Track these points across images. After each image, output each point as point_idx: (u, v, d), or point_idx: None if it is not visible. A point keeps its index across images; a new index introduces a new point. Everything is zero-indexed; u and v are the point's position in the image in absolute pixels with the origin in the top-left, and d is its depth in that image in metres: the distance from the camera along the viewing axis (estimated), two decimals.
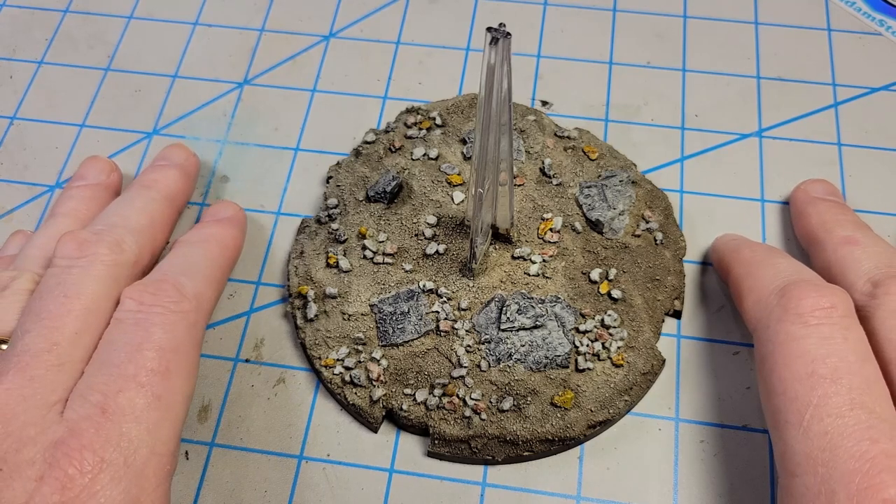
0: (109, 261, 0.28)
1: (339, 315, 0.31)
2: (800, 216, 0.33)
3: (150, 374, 0.25)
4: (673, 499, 0.29)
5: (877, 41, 0.40)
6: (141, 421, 0.25)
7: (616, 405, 0.30)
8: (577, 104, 0.38)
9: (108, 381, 0.25)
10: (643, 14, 0.41)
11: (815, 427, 0.24)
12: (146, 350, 0.26)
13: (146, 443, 0.24)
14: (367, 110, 0.39)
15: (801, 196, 0.34)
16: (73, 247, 0.28)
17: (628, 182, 0.34)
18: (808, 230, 0.32)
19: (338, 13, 0.42)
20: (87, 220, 0.32)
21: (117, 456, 0.24)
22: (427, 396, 0.30)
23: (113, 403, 0.24)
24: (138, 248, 0.30)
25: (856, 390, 0.24)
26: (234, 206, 0.34)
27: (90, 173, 0.35)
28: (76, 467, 0.23)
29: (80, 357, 0.26)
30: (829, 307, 0.26)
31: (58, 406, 0.24)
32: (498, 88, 0.25)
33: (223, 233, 0.33)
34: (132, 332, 0.26)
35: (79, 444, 0.23)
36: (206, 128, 0.39)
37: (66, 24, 0.43)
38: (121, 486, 0.23)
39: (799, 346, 0.25)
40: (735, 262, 0.31)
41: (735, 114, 0.38)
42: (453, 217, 0.33)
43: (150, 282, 0.28)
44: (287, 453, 0.30)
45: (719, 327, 0.32)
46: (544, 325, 0.30)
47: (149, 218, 0.32)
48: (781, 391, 0.25)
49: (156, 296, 0.27)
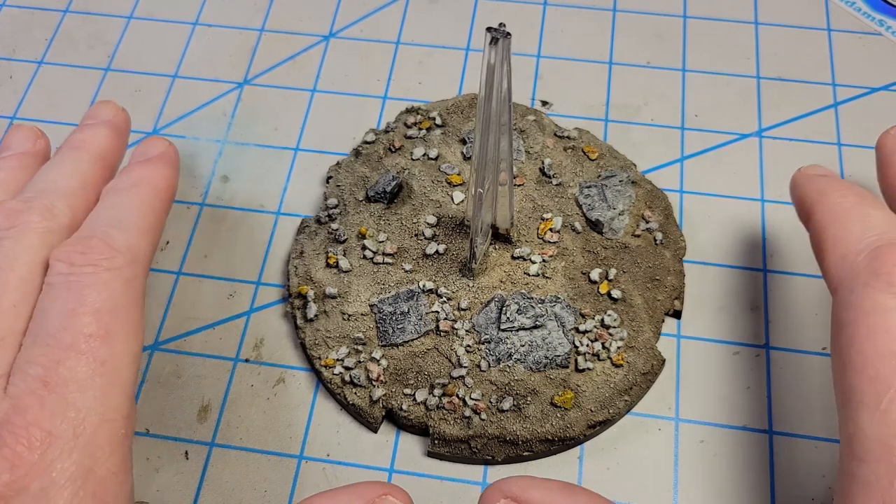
0: (42, 228, 0.27)
1: (339, 315, 0.31)
2: (888, 165, 0.29)
3: (88, 340, 0.24)
4: (673, 499, 0.29)
5: (877, 41, 0.40)
6: (86, 389, 0.23)
7: (616, 405, 0.30)
8: (577, 104, 0.38)
9: (47, 351, 0.24)
10: (643, 14, 0.41)
11: (893, 413, 0.21)
12: (82, 315, 0.24)
13: (94, 411, 0.23)
14: (367, 110, 0.39)
15: (891, 143, 0.30)
16: (1, 218, 0.27)
17: (628, 182, 0.34)
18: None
19: (338, 13, 0.42)
20: (17, 190, 0.30)
21: (65, 428, 0.23)
22: (427, 396, 0.30)
23: (54, 375, 0.23)
24: (71, 211, 0.28)
25: None
26: (163, 140, 0.32)
27: (15, 142, 0.33)
28: (24, 444, 0.22)
29: (21, 329, 0.25)
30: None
31: (0, 382, 0.24)
32: (498, 88, 0.25)
33: (154, 174, 0.30)
34: (64, 296, 0.25)
35: (24, 420, 0.23)
36: (206, 128, 0.39)
37: (66, 24, 0.43)
38: (72, 457, 0.23)
39: (886, 320, 0.23)
40: (819, 205, 0.27)
41: (735, 114, 0.38)
42: (453, 217, 0.33)
43: (77, 239, 0.26)
44: (287, 453, 0.30)
45: (719, 327, 0.32)
46: (544, 325, 0.30)
47: (80, 180, 0.30)
48: (860, 367, 0.23)
49: (85, 254, 0.26)
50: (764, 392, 0.31)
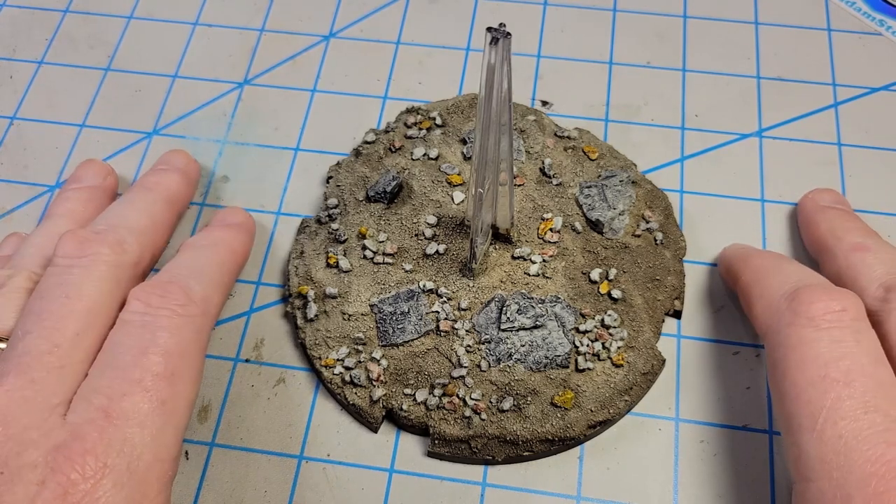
0: (111, 261, 0.28)
1: (339, 315, 0.31)
2: (808, 225, 0.33)
3: (155, 379, 0.25)
4: (673, 499, 0.29)
5: (877, 41, 0.40)
6: (145, 426, 0.24)
7: (616, 405, 0.30)
8: (577, 104, 0.38)
9: (113, 384, 0.25)
10: (643, 14, 0.41)
11: (829, 431, 0.23)
12: (152, 354, 0.25)
13: (150, 448, 0.24)
14: (367, 110, 0.39)
15: (809, 205, 0.33)
16: (73, 246, 0.28)
17: (628, 182, 0.34)
18: (818, 238, 0.32)
19: (338, 13, 0.42)
20: (83, 221, 0.32)
21: (120, 461, 0.23)
22: (427, 396, 0.30)
23: (117, 407, 0.24)
24: (139, 248, 0.30)
25: (870, 393, 0.24)
26: (244, 213, 0.34)
27: (86, 176, 0.35)
28: (78, 472, 0.23)
29: (82, 359, 0.26)
30: (841, 310, 0.25)
31: (59, 409, 0.24)
32: (498, 88, 0.25)
33: (232, 238, 0.32)
34: (138, 334, 0.26)
35: (81, 448, 0.23)
36: (206, 128, 0.39)
37: (66, 24, 0.43)
38: (123, 492, 0.23)
39: (811, 350, 0.25)
40: (744, 269, 0.31)
41: (735, 114, 0.38)
42: (453, 217, 0.33)
43: (157, 283, 0.28)
44: (287, 453, 0.30)
45: (719, 327, 0.32)
46: (544, 325, 0.30)
47: (149, 219, 0.31)
48: (794, 395, 0.25)
49: (163, 298, 0.27)
50: (764, 392, 0.31)
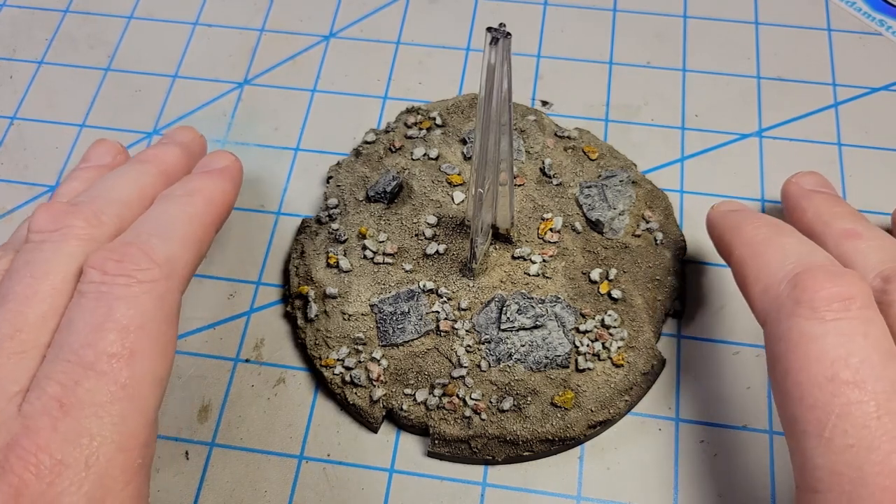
0: (84, 234, 0.25)
1: (340, 315, 0.31)
2: (794, 210, 0.31)
3: (111, 361, 0.23)
4: (673, 499, 0.29)
5: (877, 41, 0.40)
6: (103, 415, 0.22)
7: (616, 405, 0.30)
8: (577, 104, 0.38)
9: (66, 369, 0.22)
10: (643, 14, 0.41)
11: (838, 439, 0.21)
12: (107, 331, 0.23)
13: (110, 439, 0.22)
14: (367, 110, 0.39)
15: (794, 189, 0.32)
16: (46, 219, 0.26)
17: (628, 182, 0.34)
18: (805, 224, 0.30)
19: (338, 13, 0.42)
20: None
21: (77, 456, 0.21)
22: (427, 396, 0.30)
23: (71, 396, 0.22)
24: (119, 220, 0.27)
25: (882, 395, 0.22)
26: (229, 155, 0.31)
27: (94, 155, 0.33)
28: (31, 472, 0.21)
29: (46, 342, 0.24)
30: (847, 298, 0.23)
31: (17, 398, 0.22)
32: (498, 88, 0.25)
33: (211, 185, 0.29)
34: (92, 308, 0.23)
35: (34, 444, 0.21)
36: (206, 128, 0.38)
37: (66, 24, 0.43)
38: (82, 489, 0.21)
39: (816, 347, 0.23)
40: (736, 241, 0.28)
41: (735, 114, 0.38)
42: (453, 217, 0.33)
43: (116, 246, 0.25)
44: (287, 453, 0.30)
45: (719, 327, 0.32)
46: (544, 325, 0.30)
47: (139, 190, 0.29)
48: (798, 397, 0.23)
49: (121, 263, 0.24)
50: (764, 392, 0.31)
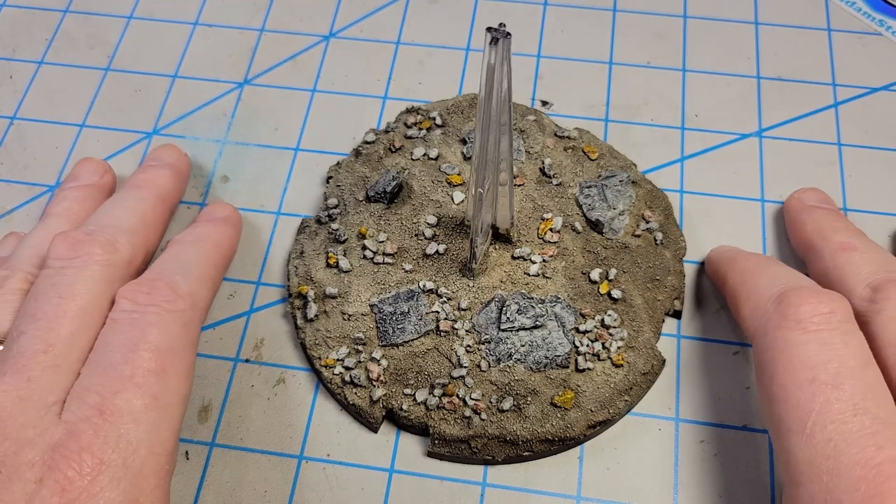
0: (103, 261, 0.28)
1: (339, 315, 0.31)
2: (794, 224, 0.33)
3: (146, 375, 0.25)
4: (673, 499, 0.29)
5: (877, 41, 0.40)
6: (139, 422, 0.25)
7: (616, 405, 0.30)
8: (577, 104, 0.38)
9: (105, 382, 0.25)
10: (643, 14, 0.41)
11: (818, 434, 0.23)
12: (142, 350, 0.26)
13: (144, 443, 0.24)
14: (367, 110, 0.39)
15: (795, 205, 0.33)
16: (66, 247, 0.28)
17: (628, 182, 0.34)
18: (804, 238, 0.32)
19: (338, 13, 0.42)
20: (80, 220, 0.32)
21: (116, 457, 0.24)
22: (427, 396, 0.30)
23: (110, 404, 0.24)
24: (131, 247, 0.30)
25: (858, 395, 0.24)
26: (229, 207, 0.35)
27: (83, 174, 0.35)
28: (75, 469, 0.23)
29: (76, 358, 0.26)
30: (828, 312, 0.26)
31: (55, 407, 0.25)
32: (498, 88, 0.25)
33: (218, 232, 0.33)
34: (128, 332, 0.26)
35: (77, 445, 0.23)
36: (206, 128, 0.39)
37: (66, 24, 0.43)
38: (120, 487, 0.23)
39: (799, 353, 0.25)
40: (731, 271, 0.31)
41: (735, 114, 0.38)
42: (453, 217, 0.33)
43: (144, 281, 0.28)
44: (287, 453, 0.30)
45: (719, 327, 0.32)
46: (544, 325, 0.30)
47: (140, 218, 0.32)
48: (783, 399, 0.25)
49: (150, 295, 0.27)
50: None
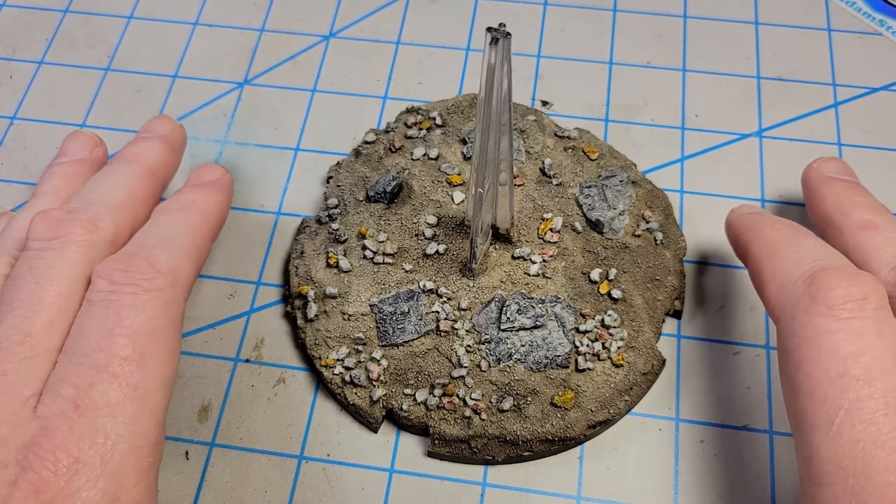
0: (84, 241, 0.27)
1: (339, 315, 0.31)
2: (813, 197, 0.31)
3: (122, 363, 0.24)
4: (673, 499, 0.29)
5: (877, 41, 0.40)
6: (116, 415, 0.23)
7: (616, 405, 0.30)
8: (577, 104, 0.38)
9: (80, 372, 0.24)
10: (643, 14, 0.41)
11: (845, 434, 0.22)
12: (118, 336, 0.24)
13: (123, 437, 0.23)
14: (367, 110, 0.39)
15: (814, 175, 0.31)
16: (44, 227, 0.27)
17: (628, 182, 0.34)
18: (823, 212, 0.29)
19: (338, 13, 0.42)
20: (67, 198, 0.30)
21: (93, 454, 0.23)
22: (427, 396, 0.30)
23: (86, 397, 0.23)
24: (115, 225, 0.28)
25: (891, 393, 0.22)
26: (219, 168, 0.32)
27: (72, 149, 0.33)
28: (50, 469, 0.22)
29: (56, 346, 0.25)
30: (862, 298, 0.23)
31: (31, 401, 0.23)
32: (498, 88, 0.25)
33: (206, 198, 0.31)
34: (103, 315, 0.25)
35: (51, 444, 0.22)
36: (206, 128, 0.39)
37: (66, 24, 0.43)
38: (98, 485, 0.22)
39: (829, 343, 0.23)
40: (754, 240, 0.28)
41: (735, 114, 0.38)
42: (453, 217, 0.33)
43: (121, 257, 0.26)
44: (287, 453, 0.30)
45: (719, 327, 0.32)
46: (544, 325, 0.30)
47: (128, 193, 0.30)
48: (809, 391, 0.23)
49: (127, 273, 0.25)
50: (764, 392, 0.31)
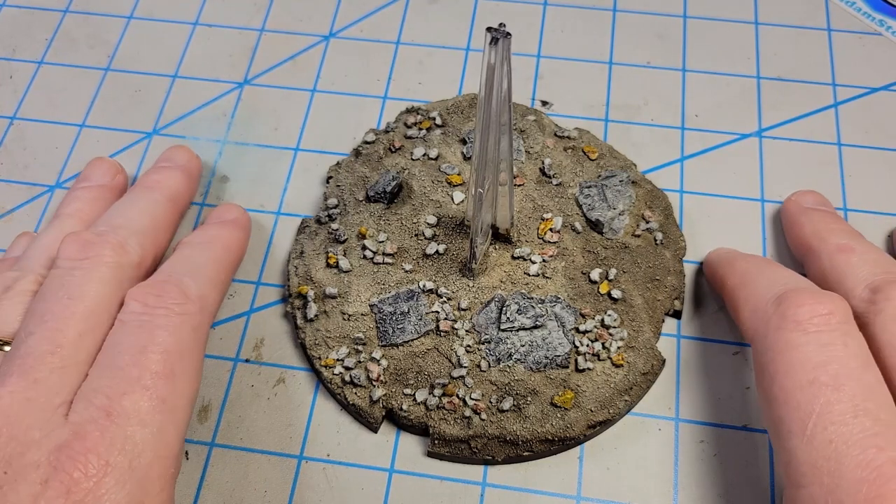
0: (113, 262, 0.28)
1: (339, 315, 0.31)
2: (793, 226, 0.33)
3: (154, 377, 0.25)
4: (673, 499, 0.29)
5: (877, 41, 0.40)
6: (145, 424, 0.25)
7: (616, 405, 0.30)
8: (577, 104, 0.38)
9: (113, 383, 0.25)
10: (643, 14, 0.41)
11: (818, 436, 0.23)
12: (150, 353, 0.26)
13: (151, 446, 0.24)
14: (367, 110, 0.39)
15: (793, 207, 0.34)
16: (76, 248, 0.28)
17: (628, 182, 0.34)
18: (802, 240, 0.32)
19: (338, 13, 0.42)
20: (91, 221, 0.32)
21: (122, 459, 0.24)
22: (427, 396, 0.30)
23: (118, 406, 0.24)
24: (141, 249, 0.30)
25: (859, 397, 0.24)
26: (238, 208, 0.34)
27: (95, 174, 0.35)
28: (81, 471, 0.23)
29: (84, 359, 0.26)
30: (828, 313, 0.26)
31: (62, 409, 0.24)
32: (498, 88, 0.25)
33: (227, 235, 0.33)
34: (136, 334, 0.26)
35: (83, 447, 0.23)
36: (206, 128, 0.39)
37: (66, 24, 0.43)
38: (125, 489, 0.23)
39: (799, 354, 0.25)
40: (729, 273, 0.31)
41: (735, 114, 0.38)
42: (453, 217, 0.33)
43: (154, 283, 0.28)
44: (287, 453, 0.30)
45: (719, 327, 0.32)
46: (544, 325, 0.30)
47: (151, 219, 0.32)
48: (783, 400, 0.25)
49: (160, 297, 0.27)
50: None
